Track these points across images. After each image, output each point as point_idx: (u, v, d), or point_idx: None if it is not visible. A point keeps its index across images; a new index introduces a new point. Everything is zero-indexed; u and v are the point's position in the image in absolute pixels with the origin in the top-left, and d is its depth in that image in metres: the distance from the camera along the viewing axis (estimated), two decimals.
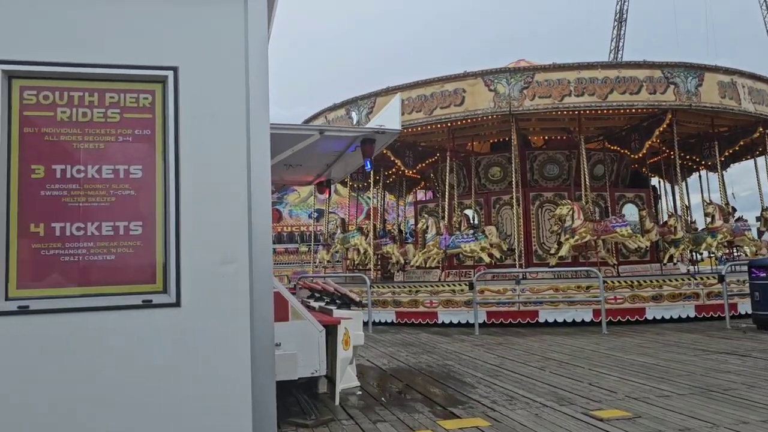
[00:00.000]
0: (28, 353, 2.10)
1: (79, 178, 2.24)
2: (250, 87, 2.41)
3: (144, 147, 2.32)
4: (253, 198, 2.36)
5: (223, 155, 2.35)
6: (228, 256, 2.31)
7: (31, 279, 2.16)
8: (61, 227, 2.20)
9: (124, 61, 2.30)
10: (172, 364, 2.22)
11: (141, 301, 2.22)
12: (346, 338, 5.01)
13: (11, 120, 2.19)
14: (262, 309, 2.33)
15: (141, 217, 2.28)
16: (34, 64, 2.21)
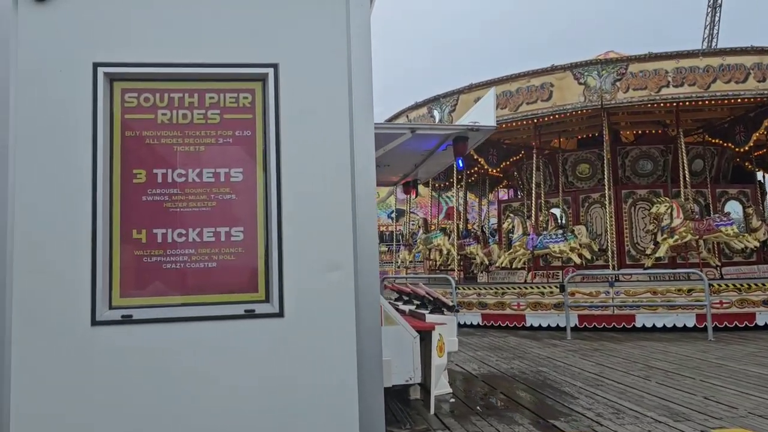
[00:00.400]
0: (130, 363, 2.03)
1: (180, 183, 2.16)
2: (353, 83, 2.25)
3: (244, 149, 2.21)
4: (358, 200, 2.20)
5: (325, 154, 2.21)
6: (332, 263, 2.16)
7: (133, 287, 2.09)
8: (162, 233, 2.13)
9: (224, 59, 2.20)
10: (275, 376, 2.10)
11: (243, 311, 2.11)
12: (440, 344, 4.81)
13: (113, 124, 2.14)
14: (369, 318, 2.17)
15: (242, 222, 2.18)
16: (135, 65, 2.14)
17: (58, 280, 2.02)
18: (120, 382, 2.01)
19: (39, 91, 2.08)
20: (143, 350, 2.04)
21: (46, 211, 2.04)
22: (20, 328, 1.98)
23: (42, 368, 1.98)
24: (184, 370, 2.06)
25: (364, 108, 2.25)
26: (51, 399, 1.98)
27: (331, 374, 2.13)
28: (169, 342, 2.06)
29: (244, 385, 2.08)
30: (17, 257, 2.02)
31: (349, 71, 2.26)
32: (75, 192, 2.06)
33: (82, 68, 2.11)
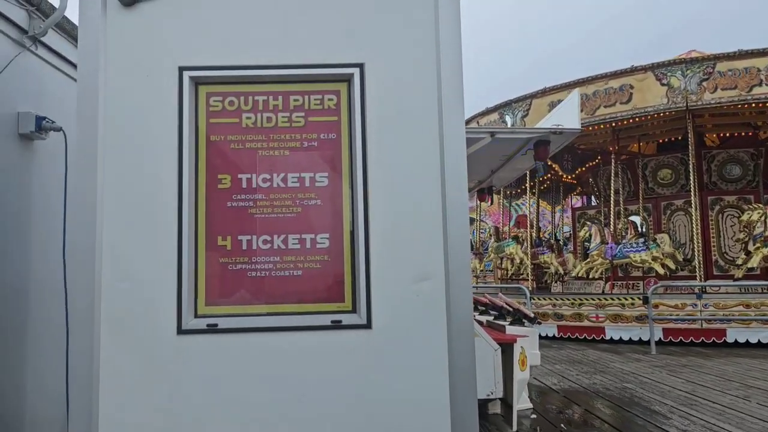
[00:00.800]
0: (216, 373, 1.97)
1: (265, 188, 2.09)
2: (443, 82, 2.13)
3: (330, 152, 2.12)
4: (449, 206, 2.07)
5: (414, 158, 2.09)
6: (422, 273, 2.04)
7: (218, 296, 2.04)
8: (247, 240, 2.06)
9: (308, 60, 2.13)
10: (364, 388, 1.99)
11: (330, 322, 2.01)
12: (522, 358, 4.60)
13: (198, 128, 2.10)
14: (461, 331, 2.03)
15: (328, 228, 2.09)
16: (220, 68, 2.10)
17: (145, 288, 1.99)
18: (205, 392, 1.96)
19: (126, 98, 2.07)
20: (229, 360, 1.98)
21: (133, 219, 2.02)
22: (108, 336, 1.96)
23: (129, 376, 1.95)
24: (270, 381, 1.98)
25: (454, 108, 2.12)
26: (138, 407, 1.94)
27: (422, 388, 2.00)
28: (255, 352, 1.99)
29: (331, 397, 1.98)
30: (105, 266, 2.00)
31: (438, 70, 2.14)
32: (161, 198, 2.02)
33: (168, 73, 2.08)
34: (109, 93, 2.06)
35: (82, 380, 1.94)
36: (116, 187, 2.03)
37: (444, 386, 2.00)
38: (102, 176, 2.03)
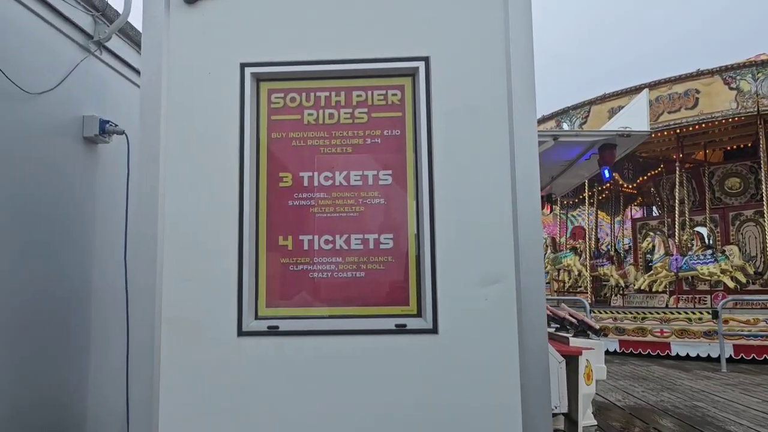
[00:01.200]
0: (276, 376, 1.90)
1: (327, 186, 2.02)
2: (513, 75, 2.02)
3: (394, 149, 2.04)
4: (520, 205, 1.95)
5: (482, 155, 1.98)
6: (492, 275, 1.92)
7: (279, 297, 1.97)
8: (309, 240, 2.00)
9: (371, 54, 2.05)
10: (429, 396, 1.88)
11: (394, 326, 1.92)
12: (588, 371, 4.38)
13: (259, 125, 2.05)
14: (534, 338, 1.90)
15: (392, 228, 2.00)
16: (281, 64, 2.05)
17: (205, 289, 1.94)
18: (265, 395, 1.89)
19: (188, 96, 2.04)
20: (289, 363, 1.91)
21: (194, 218, 1.98)
22: (168, 337, 1.92)
23: (190, 377, 1.90)
24: (331, 386, 1.90)
25: (525, 102, 2.01)
26: (198, 408, 1.89)
27: (492, 397, 1.87)
28: (316, 355, 1.91)
29: (394, 404, 1.88)
30: (167, 264, 1.97)
31: (507, 62, 2.03)
32: (222, 197, 1.98)
33: (230, 69, 2.04)
34: (171, 91, 2.04)
35: (142, 380, 1.91)
36: (177, 185, 2.00)
37: (515, 394, 1.87)
38: (164, 175, 2.00)
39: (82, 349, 2.96)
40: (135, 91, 2.08)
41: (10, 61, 2.45)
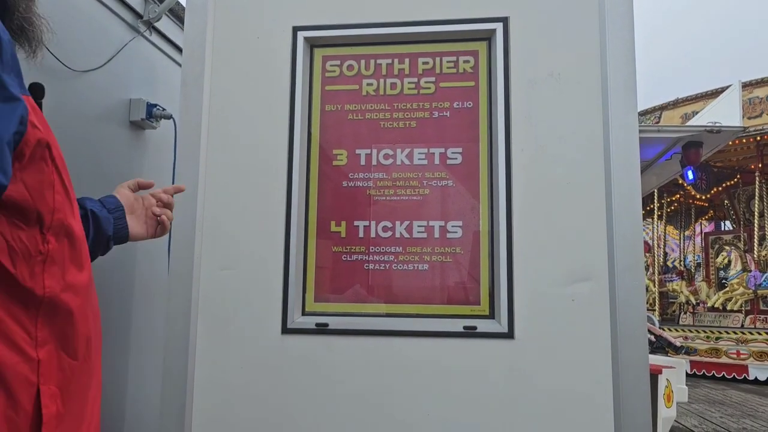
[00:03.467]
0: (323, 381, 1.65)
1: (387, 165, 1.77)
2: (608, 40, 1.72)
3: (465, 124, 1.76)
4: (615, 192, 1.64)
5: (569, 131, 1.68)
6: (580, 271, 1.61)
7: (330, 291, 1.72)
8: (365, 226, 1.74)
9: (439, 15, 1.79)
10: (503, 411, 1.59)
11: (462, 328, 1.63)
12: (668, 392, 3.96)
13: (312, 96, 1.81)
14: (630, 346, 1.58)
15: (461, 215, 1.72)
16: (338, 27, 1.81)
17: (247, 278, 1.71)
18: (309, 402, 1.64)
19: (234, 62, 1.83)
20: (339, 366, 1.65)
21: (236, 198, 1.75)
22: (205, 329, 1.69)
23: (226, 375, 1.67)
24: (387, 395, 1.63)
25: (622, 70, 1.70)
26: (234, 409, 1.65)
27: (578, 420, 1.56)
28: (370, 359, 1.65)
29: (460, 421, 1.60)
30: (205, 251, 1.75)
31: (602, 24, 1.73)
32: (268, 177, 1.75)
33: (281, 33, 1.82)
34: (215, 58, 1.83)
35: (175, 376, 1.69)
36: (220, 163, 1.78)
37: (608, 418, 1.56)
38: (205, 151, 1.79)
39: (123, 347, 2.79)
40: None
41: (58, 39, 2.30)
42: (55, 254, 0.65)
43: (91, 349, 0.72)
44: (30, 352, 0.62)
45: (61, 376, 0.65)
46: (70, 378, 0.67)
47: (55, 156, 0.65)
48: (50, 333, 0.65)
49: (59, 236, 0.66)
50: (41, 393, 0.62)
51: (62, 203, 0.66)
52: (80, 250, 0.71)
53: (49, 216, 0.63)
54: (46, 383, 0.63)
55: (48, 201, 0.63)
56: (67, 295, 0.66)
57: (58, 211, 0.64)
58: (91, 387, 0.73)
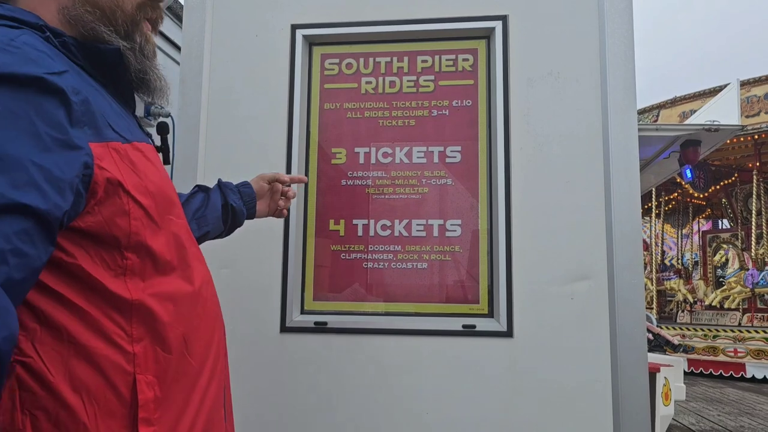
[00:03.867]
0: (323, 379, 1.65)
1: (386, 164, 1.76)
2: (607, 39, 1.71)
3: (464, 122, 1.76)
4: (614, 189, 1.64)
5: (568, 130, 1.68)
6: (579, 271, 1.61)
7: (329, 289, 1.72)
8: (364, 225, 1.74)
9: (439, 13, 1.78)
10: (501, 411, 1.59)
11: (460, 326, 1.63)
12: (665, 391, 3.97)
13: (311, 94, 1.81)
14: (629, 346, 1.58)
15: (460, 213, 1.72)
16: (337, 26, 1.80)
17: (246, 277, 1.71)
18: (309, 399, 1.63)
19: (232, 60, 1.82)
20: (338, 365, 1.65)
21: None
22: None
23: None
24: (386, 393, 1.63)
25: (621, 71, 1.70)
26: None
27: (577, 420, 1.56)
28: (369, 358, 1.65)
29: (461, 418, 1.60)
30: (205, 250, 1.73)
31: (601, 22, 1.72)
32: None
33: (279, 31, 1.81)
34: (213, 55, 1.82)
35: None
36: (219, 158, 1.78)
37: (606, 417, 1.56)
38: (204, 145, 1.79)
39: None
40: None
41: None
42: (136, 267, 0.80)
43: (191, 346, 0.85)
44: (126, 346, 0.76)
45: (157, 367, 0.79)
46: (167, 369, 0.80)
47: (130, 189, 0.78)
48: (145, 331, 0.79)
49: (140, 253, 0.80)
50: (137, 381, 0.76)
51: (140, 227, 0.80)
52: (166, 263, 0.85)
53: (125, 238, 0.78)
54: (143, 373, 0.77)
55: (123, 226, 0.78)
56: (154, 300, 0.80)
57: (135, 234, 0.79)
58: (200, 378, 0.87)
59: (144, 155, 0.85)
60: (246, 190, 1.40)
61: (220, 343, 0.98)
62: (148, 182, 0.82)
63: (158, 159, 0.92)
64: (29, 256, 0.65)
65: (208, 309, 0.93)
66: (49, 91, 0.69)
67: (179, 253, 0.87)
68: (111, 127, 0.80)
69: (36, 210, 0.64)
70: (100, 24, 0.86)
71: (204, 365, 0.89)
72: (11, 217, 0.63)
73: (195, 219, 1.30)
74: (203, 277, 0.94)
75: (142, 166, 0.83)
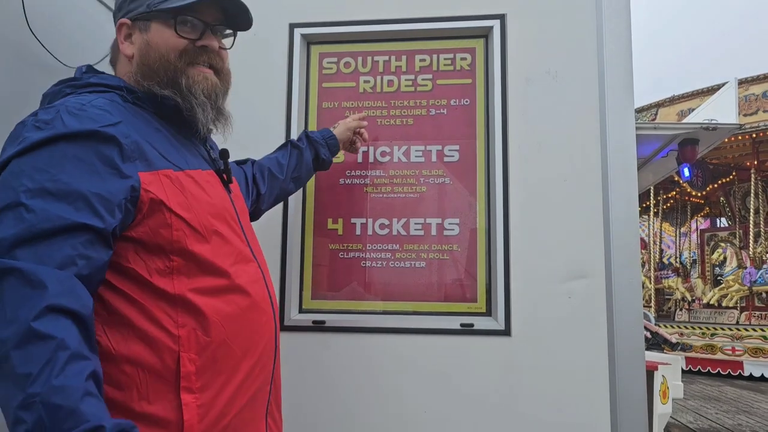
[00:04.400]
0: (321, 378, 1.65)
1: (384, 163, 1.77)
2: (605, 38, 1.72)
3: (462, 121, 1.76)
4: (612, 188, 1.65)
5: (566, 128, 1.69)
6: (577, 269, 1.62)
7: (327, 288, 1.72)
8: (362, 224, 1.74)
9: (437, 12, 1.79)
10: (500, 409, 1.59)
11: (459, 325, 1.64)
12: (663, 389, 3.97)
13: (309, 93, 1.81)
14: (627, 344, 1.59)
15: (458, 212, 1.72)
16: (335, 24, 1.81)
17: None
18: (306, 400, 1.64)
19: (230, 59, 1.81)
20: (336, 363, 1.65)
21: None
22: None
23: None
24: (383, 392, 1.63)
25: (619, 67, 1.71)
26: None
27: (575, 415, 1.57)
28: (367, 356, 1.65)
29: (459, 416, 1.60)
30: None
31: (599, 21, 1.73)
32: None
33: (278, 30, 1.82)
34: None
35: None
36: None
37: (604, 411, 1.56)
38: None
39: None
40: None
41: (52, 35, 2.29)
42: (182, 268, 1.00)
43: (233, 335, 1.03)
44: (172, 330, 0.96)
45: (199, 347, 0.98)
46: (206, 350, 0.99)
47: (173, 206, 0.99)
48: (188, 319, 0.98)
49: (184, 257, 1.00)
50: (181, 357, 0.96)
51: (182, 237, 1.00)
52: (210, 264, 1.03)
53: (168, 245, 0.99)
54: (186, 351, 0.97)
55: (166, 236, 0.99)
56: (195, 294, 1.00)
57: (177, 242, 0.99)
58: (242, 363, 1.05)
59: (194, 180, 1.07)
60: (332, 141, 1.61)
61: (269, 343, 1.14)
62: (193, 201, 1.03)
63: (210, 183, 1.12)
64: (92, 258, 0.90)
65: (255, 305, 1.10)
66: (104, 139, 0.95)
67: (225, 255, 1.07)
68: (166, 158, 1.03)
69: (92, 226, 0.90)
70: (149, 79, 1.10)
71: (247, 354, 1.06)
72: (76, 233, 0.89)
73: (292, 179, 1.55)
74: (251, 276, 1.12)
75: (190, 189, 1.04)
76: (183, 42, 1.13)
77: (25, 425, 0.77)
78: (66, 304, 0.84)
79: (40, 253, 0.86)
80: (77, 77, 1.10)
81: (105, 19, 2.63)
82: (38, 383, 0.78)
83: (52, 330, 0.82)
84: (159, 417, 0.94)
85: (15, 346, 0.80)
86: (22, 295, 0.83)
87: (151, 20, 1.12)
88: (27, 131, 0.94)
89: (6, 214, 0.88)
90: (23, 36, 2.02)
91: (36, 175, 0.90)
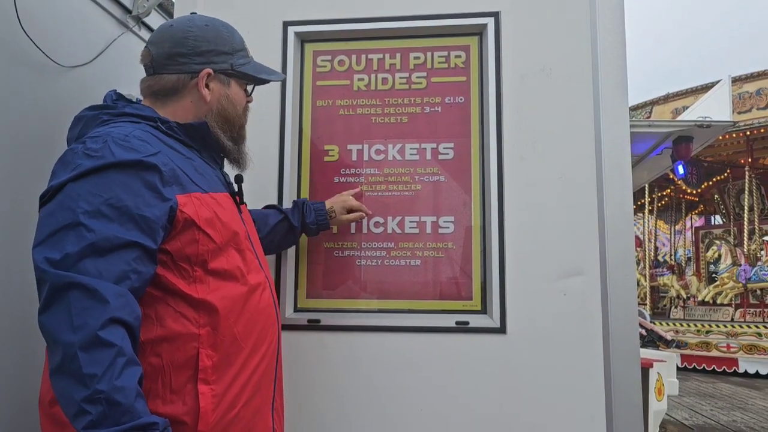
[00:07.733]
0: (315, 376, 1.65)
1: (379, 161, 1.76)
2: (599, 35, 1.72)
3: (456, 119, 1.76)
4: (607, 185, 1.65)
5: (561, 126, 1.69)
6: (572, 266, 1.62)
7: (322, 287, 1.72)
8: (357, 222, 1.73)
9: (431, 10, 1.78)
10: (495, 411, 1.59)
11: (454, 323, 1.64)
12: (659, 386, 3.98)
13: (303, 91, 1.80)
14: (622, 341, 1.58)
15: (453, 210, 1.72)
16: (329, 22, 1.80)
17: None
18: (302, 399, 1.63)
19: None
20: (331, 362, 1.65)
21: None
22: None
23: None
24: (379, 390, 1.63)
25: (613, 64, 1.70)
26: None
27: (571, 411, 1.57)
28: (362, 355, 1.65)
29: (455, 414, 1.60)
30: None
31: (592, 17, 1.73)
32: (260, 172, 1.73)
33: (272, 28, 1.81)
34: None
35: None
36: None
37: (599, 407, 1.56)
38: None
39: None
40: None
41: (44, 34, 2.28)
42: (204, 277, 1.15)
43: (243, 334, 1.18)
44: (194, 330, 1.11)
45: (215, 344, 1.13)
46: (220, 346, 1.14)
47: (201, 224, 1.14)
48: (208, 320, 1.13)
49: (206, 267, 1.15)
50: (200, 353, 1.10)
51: (206, 251, 1.15)
52: (227, 273, 1.18)
53: (195, 257, 1.14)
54: (204, 348, 1.11)
55: (193, 249, 1.14)
56: (215, 298, 1.14)
57: (201, 255, 1.14)
58: (251, 360, 1.19)
59: (216, 201, 1.22)
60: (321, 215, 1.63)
61: (273, 343, 1.28)
62: (215, 219, 1.18)
63: (228, 204, 1.27)
64: (142, 273, 1.05)
65: (261, 308, 1.25)
66: (147, 167, 1.09)
67: (239, 267, 1.22)
68: (194, 183, 1.18)
69: (141, 243, 1.04)
70: (222, 130, 1.31)
71: (256, 352, 1.21)
72: (129, 249, 1.03)
73: (276, 245, 1.63)
74: (261, 284, 1.27)
75: (214, 209, 1.19)
76: (245, 100, 1.39)
77: (90, 416, 0.91)
78: (123, 317, 0.98)
79: (101, 268, 0.99)
80: (110, 105, 1.24)
81: (96, 17, 2.62)
82: (104, 382, 0.92)
83: (113, 338, 0.95)
84: (179, 405, 1.07)
85: (82, 349, 0.93)
86: (87, 306, 0.96)
87: (231, 78, 1.33)
88: (79, 159, 1.07)
89: (68, 233, 1.01)
90: (15, 34, 2.01)
91: (91, 198, 1.03)
